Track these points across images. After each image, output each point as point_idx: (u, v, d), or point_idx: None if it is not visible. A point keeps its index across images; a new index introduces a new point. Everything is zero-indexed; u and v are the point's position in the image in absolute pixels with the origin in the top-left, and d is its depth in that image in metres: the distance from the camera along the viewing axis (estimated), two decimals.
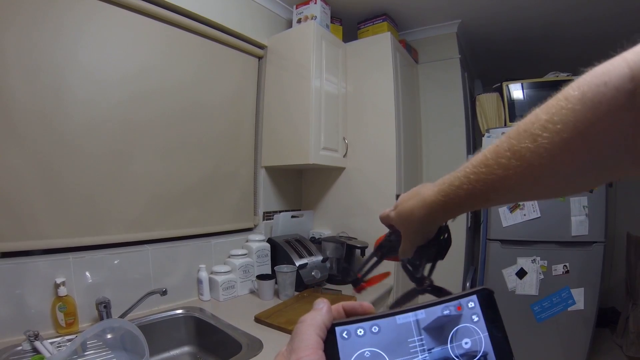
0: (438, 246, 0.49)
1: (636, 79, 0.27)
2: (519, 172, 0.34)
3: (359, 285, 0.61)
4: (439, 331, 0.28)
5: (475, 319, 0.28)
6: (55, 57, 1.15)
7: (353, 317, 0.30)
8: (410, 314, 0.29)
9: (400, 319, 0.29)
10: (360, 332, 0.28)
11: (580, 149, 0.30)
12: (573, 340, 1.97)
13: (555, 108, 0.31)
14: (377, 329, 0.28)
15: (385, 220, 0.54)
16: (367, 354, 0.27)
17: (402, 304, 0.46)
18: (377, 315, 0.29)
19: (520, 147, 0.33)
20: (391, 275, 0.58)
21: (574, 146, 0.30)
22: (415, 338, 0.28)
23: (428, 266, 0.50)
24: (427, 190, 0.45)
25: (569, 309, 1.97)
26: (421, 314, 0.29)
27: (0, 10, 1.03)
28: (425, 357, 0.27)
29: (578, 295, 1.95)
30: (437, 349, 0.27)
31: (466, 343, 0.28)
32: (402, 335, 0.28)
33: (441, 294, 0.42)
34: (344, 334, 0.28)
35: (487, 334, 0.28)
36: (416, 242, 0.49)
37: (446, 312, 0.29)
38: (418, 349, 0.27)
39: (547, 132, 0.31)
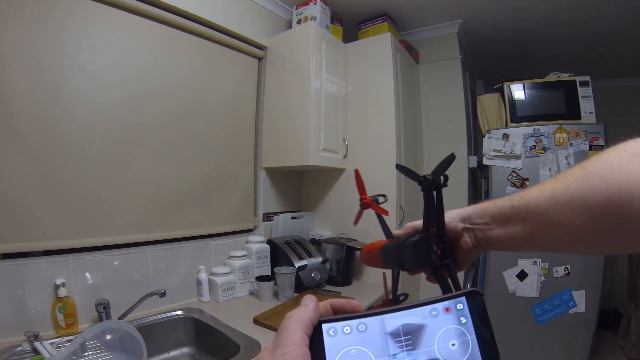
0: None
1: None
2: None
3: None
4: (427, 332, 0.28)
5: (464, 320, 0.28)
6: (56, 57, 1.16)
7: (341, 314, 0.30)
8: (397, 313, 0.29)
9: (388, 318, 0.28)
10: (346, 330, 0.28)
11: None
12: (574, 342, 1.96)
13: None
14: (363, 327, 0.28)
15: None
16: (353, 352, 0.27)
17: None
18: (365, 313, 0.29)
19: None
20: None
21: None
22: (402, 338, 0.28)
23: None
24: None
25: (570, 311, 1.95)
26: (409, 314, 0.29)
27: (3, 10, 1.04)
28: (412, 357, 0.27)
29: (579, 297, 1.94)
30: (423, 350, 0.27)
31: (453, 344, 0.27)
32: (389, 334, 0.28)
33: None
34: (330, 332, 0.28)
35: (474, 336, 0.27)
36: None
37: (434, 313, 0.28)
38: (405, 349, 0.27)
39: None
